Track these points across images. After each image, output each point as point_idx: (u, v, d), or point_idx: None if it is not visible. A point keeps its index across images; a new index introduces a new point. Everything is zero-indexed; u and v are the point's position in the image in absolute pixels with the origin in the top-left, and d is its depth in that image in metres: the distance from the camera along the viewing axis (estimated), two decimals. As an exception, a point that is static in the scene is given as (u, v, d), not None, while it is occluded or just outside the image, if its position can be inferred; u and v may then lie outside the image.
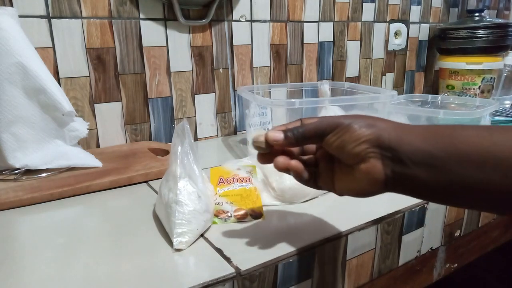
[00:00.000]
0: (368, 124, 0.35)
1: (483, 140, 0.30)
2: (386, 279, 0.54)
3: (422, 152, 0.32)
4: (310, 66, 1.06)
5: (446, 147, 0.31)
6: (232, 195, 0.51)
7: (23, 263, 0.40)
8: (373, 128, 0.34)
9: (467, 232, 0.64)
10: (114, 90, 0.79)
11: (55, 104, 0.61)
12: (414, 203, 0.54)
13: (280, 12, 0.97)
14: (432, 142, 0.32)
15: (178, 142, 0.46)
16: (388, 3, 1.19)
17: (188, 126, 0.45)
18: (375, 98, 0.72)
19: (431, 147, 0.32)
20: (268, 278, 0.40)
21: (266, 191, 0.54)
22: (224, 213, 0.49)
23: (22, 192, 0.55)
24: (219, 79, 0.92)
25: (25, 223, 0.50)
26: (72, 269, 0.39)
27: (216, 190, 0.52)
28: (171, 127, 0.87)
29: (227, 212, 0.49)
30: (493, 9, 1.57)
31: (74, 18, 0.73)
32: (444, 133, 0.32)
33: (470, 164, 0.30)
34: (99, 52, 0.76)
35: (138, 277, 0.37)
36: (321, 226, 0.47)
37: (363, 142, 0.34)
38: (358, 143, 0.34)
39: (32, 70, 0.59)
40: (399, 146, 0.33)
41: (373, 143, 0.34)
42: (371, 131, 0.34)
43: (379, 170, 0.34)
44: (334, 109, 0.69)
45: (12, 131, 0.60)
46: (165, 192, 0.45)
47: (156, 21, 0.81)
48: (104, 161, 0.66)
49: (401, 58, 1.28)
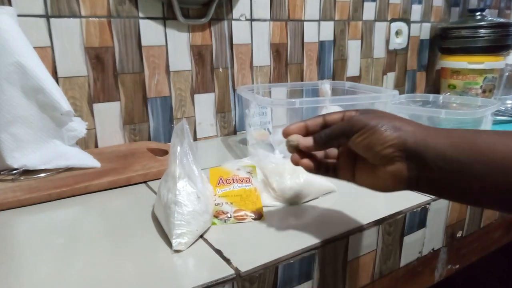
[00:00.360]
0: (394, 127, 0.36)
1: (506, 146, 0.32)
2: (387, 281, 0.54)
3: (448, 158, 0.33)
4: (310, 66, 1.06)
5: (472, 153, 0.32)
6: (231, 196, 0.51)
7: (21, 264, 0.40)
8: (399, 132, 0.35)
9: (469, 233, 0.64)
10: (112, 90, 0.79)
11: (53, 103, 0.61)
12: (416, 204, 0.53)
13: (280, 11, 0.97)
14: (458, 148, 0.33)
15: (178, 142, 0.45)
16: (389, 2, 1.19)
17: (187, 126, 0.45)
18: (376, 98, 0.72)
19: (456, 153, 0.33)
20: (268, 279, 0.40)
21: (266, 192, 0.54)
22: (223, 214, 0.48)
23: (20, 193, 0.54)
24: (218, 79, 0.91)
25: (23, 223, 0.50)
26: (71, 270, 0.39)
27: (215, 191, 0.51)
28: (170, 127, 0.87)
29: (226, 213, 0.48)
30: (494, 8, 1.56)
31: (73, 17, 0.72)
32: (469, 139, 0.33)
33: (495, 169, 0.31)
34: (98, 52, 0.76)
35: (137, 278, 0.37)
36: (321, 227, 0.47)
37: (389, 146, 0.35)
38: (384, 146, 0.35)
39: (30, 70, 0.58)
40: (425, 151, 0.34)
41: (399, 147, 0.35)
42: (397, 134, 0.35)
43: (403, 172, 0.35)
44: (335, 109, 0.69)
45: (10, 131, 0.59)
46: (164, 193, 0.45)
47: (155, 20, 0.81)
48: (102, 161, 0.66)
49: (402, 57, 1.28)
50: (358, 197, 0.56)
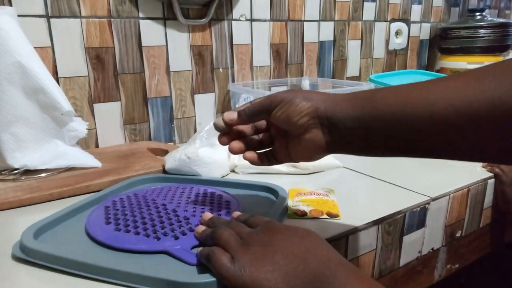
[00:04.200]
0: (307, 97, 0.39)
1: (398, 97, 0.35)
2: (387, 280, 0.54)
3: (352, 118, 0.37)
4: (310, 66, 1.06)
5: (370, 110, 0.36)
6: (309, 201, 0.53)
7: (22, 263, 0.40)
8: (312, 101, 0.39)
9: (469, 233, 0.64)
10: (113, 90, 0.79)
11: (54, 104, 0.61)
12: (415, 204, 0.53)
13: (280, 11, 0.97)
14: (359, 108, 0.37)
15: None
16: (389, 2, 1.19)
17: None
18: (347, 91, 0.78)
19: (358, 112, 0.37)
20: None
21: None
22: (300, 212, 0.50)
23: (21, 192, 0.54)
24: (219, 79, 0.91)
25: (24, 223, 0.49)
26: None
27: (293, 199, 0.53)
28: (171, 127, 0.87)
29: (303, 211, 0.50)
30: (494, 9, 1.56)
31: (73, 17, 0.72)
32: (368, 97, 0.37)
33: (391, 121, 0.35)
34: (98, 52, 0.76)
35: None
36: (320, 227, 0.47)
37: (304, 115, 0.39)
38: (300, 116, 0.39)
39: (31, 70, 0.59)
40: (333, 115, 0.38)
41: (312, 115, 0.39)
42: (310, 103, 0.39)
43: (320, 137, 0.39)
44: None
45: (11, 131, 0.60)
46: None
47: (155, 21, 0.81)
48: (103, 161, 0.66)
49: (402, 57, 1.28)
50: (358, 197, 0.56)
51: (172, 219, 0.45)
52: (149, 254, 0.39)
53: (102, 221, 0.45)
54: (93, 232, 0.43)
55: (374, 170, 0.65)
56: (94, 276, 0.36)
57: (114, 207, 0.49)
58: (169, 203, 0.50)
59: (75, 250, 0.40)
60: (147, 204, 0.49)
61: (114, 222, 0.44)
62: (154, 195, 0.52)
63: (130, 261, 0.38)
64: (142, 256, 0.39)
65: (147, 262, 0.38)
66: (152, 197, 0.52)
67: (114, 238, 0.41)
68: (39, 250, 0.38)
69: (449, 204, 0.58)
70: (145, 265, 0.37)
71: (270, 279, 0.31)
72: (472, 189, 0.61)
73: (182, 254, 0.38)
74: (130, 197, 0.52)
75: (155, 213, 0.46)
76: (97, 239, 0.41)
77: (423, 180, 0.62)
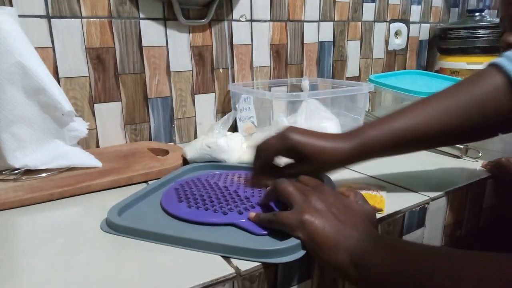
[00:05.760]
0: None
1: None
2: (387, 280, 0.54)
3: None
4: (310, 66, 1.06)
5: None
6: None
7: (23, 264, 0.40)
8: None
9: (468, 233, 0.64)
10: (113, 90, 0.79)
11: (54, 104, 0.61)
12: (415, 203, 0.54)
13: (280, 12, 0.97)
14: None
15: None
16: (389, 2, 1.19)
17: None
18: (348, 91, 0.80)
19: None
20: (268, 278, 0.40)
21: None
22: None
23: (22, 192, 0.55)
24: (219, 79, 0.92)
25: (25, 223, 0.50)
26: (72, 270, 0.39)
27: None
28: (171, 127, 0.87)
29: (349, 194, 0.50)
30: (493, 9, 1.57)
31: (74, 18, 0.72)
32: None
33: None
34: (98, 52, 0.76)
35: (138, 277, 0.37)
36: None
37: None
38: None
39: (32, 70, 0.59)
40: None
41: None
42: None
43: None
44: (314, 102, 0.75)
45: (12, 131, 0.60)
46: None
47: (156, 21, 0.81)
48: (104, 161, 0.66)
49: (401, 58, 1.28)
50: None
51: (235, 198, 0.51)
52: (219, 226, 0.45)
53: (175, 200, 0.52)
54: (169, 208, 0.49)
55: (374, 170, 0.65)
56: (174, 246, 0.42)
57: (183, 188, 0.55)
58: (230, 185, 0.56)
59: (157, 224, 0.47)
60: (211, 187, 0.56)
61: (185, 201, 0.51)
62: (215, 179, 0.59)
63: (204, 232, 0.44)
64: (213, 228, 0.45)
65: (218, 233, 0.44)
66: (214, 181, 0.58)
67: (188, 213, 0.48)
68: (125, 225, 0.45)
69: (449, 204, 0.59)
70: (217, 235, 0.44)
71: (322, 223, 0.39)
72: (472, 189, 0.62)
73: (248, 225, 0.44)
74: (194, 181, 0.59)
75: (219, 193, 0.53)
76: (174, 214, 0.48)
77: (423, 180, 0.62)
